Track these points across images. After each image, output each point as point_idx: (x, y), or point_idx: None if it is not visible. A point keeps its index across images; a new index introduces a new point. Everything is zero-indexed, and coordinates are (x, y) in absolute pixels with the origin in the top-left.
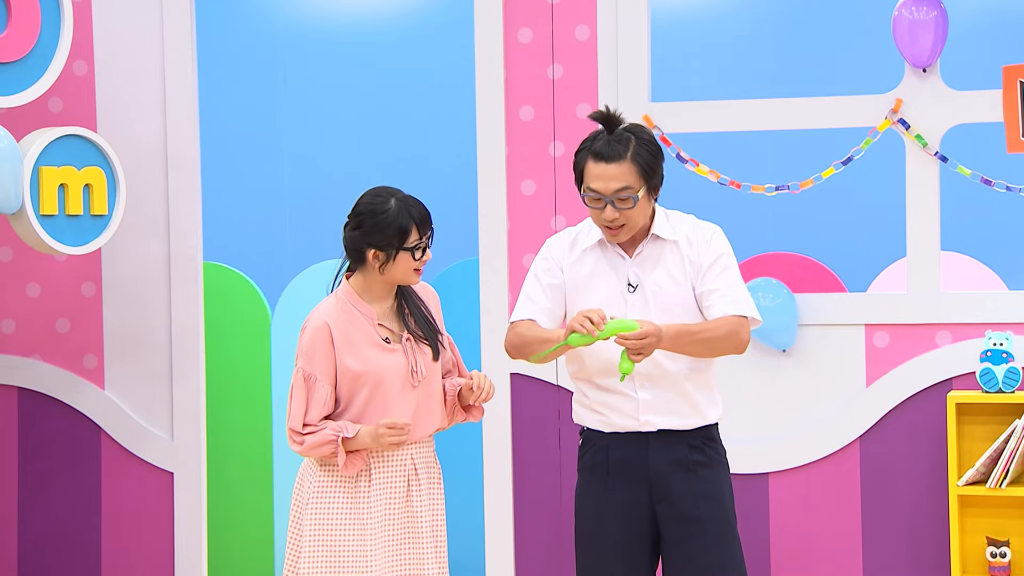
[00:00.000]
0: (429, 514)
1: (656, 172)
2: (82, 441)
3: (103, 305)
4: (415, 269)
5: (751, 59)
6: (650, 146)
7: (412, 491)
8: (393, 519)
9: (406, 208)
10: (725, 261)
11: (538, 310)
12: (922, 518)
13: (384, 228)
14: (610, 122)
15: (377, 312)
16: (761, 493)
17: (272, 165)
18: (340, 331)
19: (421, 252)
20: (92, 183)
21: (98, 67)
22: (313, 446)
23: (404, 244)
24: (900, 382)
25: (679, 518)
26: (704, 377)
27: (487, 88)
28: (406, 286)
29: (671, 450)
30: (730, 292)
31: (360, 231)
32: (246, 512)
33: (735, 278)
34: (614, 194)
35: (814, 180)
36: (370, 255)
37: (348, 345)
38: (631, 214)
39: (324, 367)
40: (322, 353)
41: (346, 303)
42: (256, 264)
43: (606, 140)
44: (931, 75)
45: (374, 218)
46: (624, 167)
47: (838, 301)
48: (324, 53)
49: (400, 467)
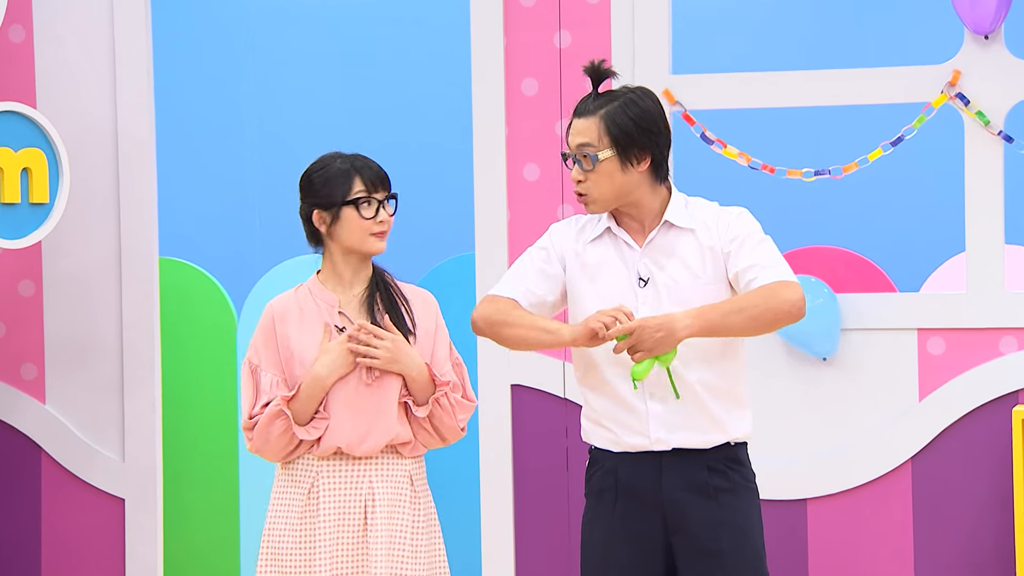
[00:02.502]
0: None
1: (631, 137)
2: (19, 463)
3: (44, 307)
4: (372, 233)
5: (786, 25)
6: (632, 108)
7: (368, 518)
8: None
9: (348, 161)
10: (757, 236)
11: (522, 292)
12: (983, 551)
13: (323, 183)
14: (596, 75)
15: (341, 300)
16: (798, 523)
17: (238, 147)
18: (286, 317)
19: (371, 208)
20: (31, 167)
21: (37, 33)
22: (263, 430)
23: (346, 198)
24: (958, 395)
25: (697, 551)
26: (729, 388)
27: (484, 58)
28: (385, 281)
29: (688, 473)
30: (769, 264)
31: (303, 196)
32: (208, 543)
33: (772, 251)
34: (577, 151)
35: (859, 164)
36: (316, 219)
37: (296, 332)
38: (593, 179)
39: (268, 355)
40: (263, 340)
41: (305, 291)
42: (220, 260)
43: (589, 95)
44: (994, 42)
45: (312, 176)
46: (590, 122)
47: (887, 302)
48: (296, 20)
49: (353, 486)
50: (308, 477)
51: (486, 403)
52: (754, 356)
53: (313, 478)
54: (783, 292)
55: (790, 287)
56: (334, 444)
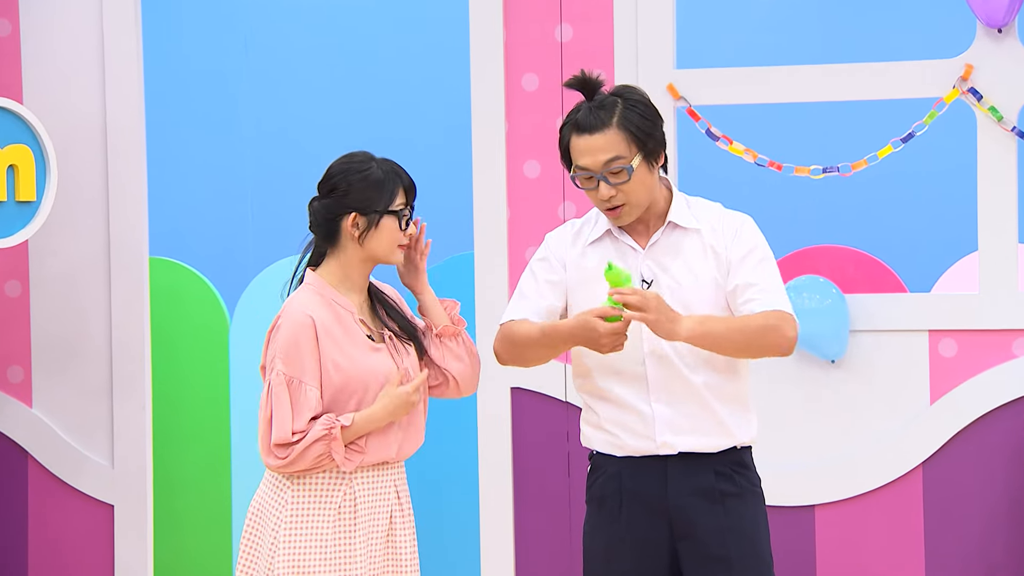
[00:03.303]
0: (410, 551)
1: (652, 136)
2: (5, 468)
3: (31, 307)
4: (400, 245)
5: (794, 18)
6: (640, 107)
7: (396, 525)
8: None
9: (392, 168)
10: (761, 253)
11: (534, 309)
12: (996, 557)
13: (366, 188)
14: (587, 87)
15: (355, 305)
16: (806, 529)
17: (230, 144)
18: (324, 327)
19: (406, 223)
20: (17, 164)
21: (24, 27)
22: (305, 450)
23: (389, 207)
24: (970, 398)
25: (704, 558)
26: (734, 391)
27: (484, 52)
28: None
29: (694, 478)
30: (771, 288)
31: (335, 194)
32: (200, 551)
33: (774, 273)
34: (604, 168)
35: (868, 161)
36: (348, 223)
37: (333, 344)
38: (629, 189)
39: (311, 368)
40: (307, 351)
41: (323, 295)
42: (212, 260)
43: (588, 108)
44: (1008, 36)
45: (352, 177)
46: (611, 135)
47: (897, 303)
48: (291, 14)
49: (384, 494)
50: (338, 489)
51: (486, 406)
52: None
53: (345, 490)
54: (784, 327)
55: (790, 322)
56: (382, 457)
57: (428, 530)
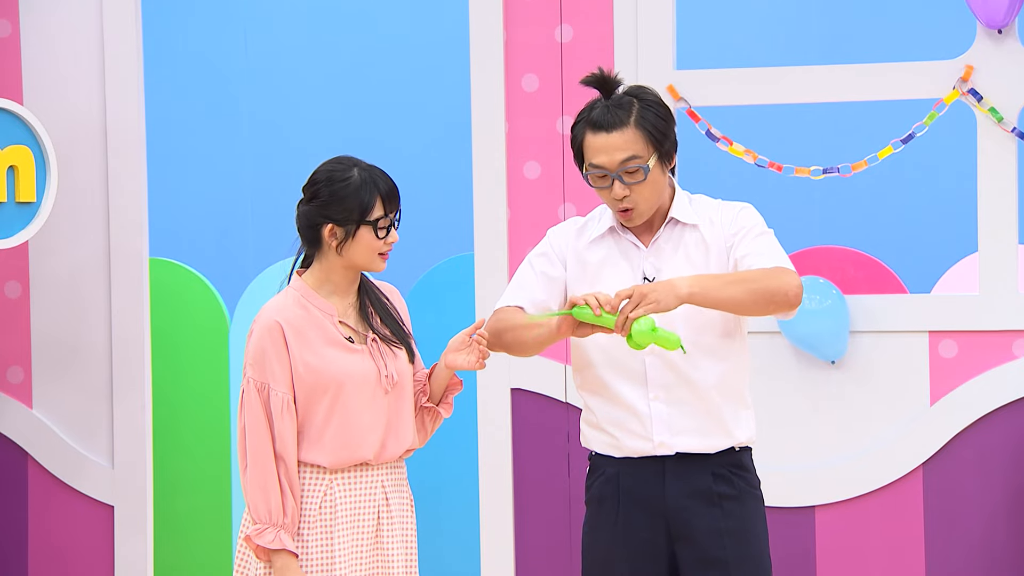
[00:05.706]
0: (402, 552)
1: (668, 136)
2: (5, 469)
3: (31, 308)
4: (380, 253)
5: (794, 19)
6: (657, 107)
7: (383, 524)
8: (361, 560)
9: (370, 177)
10: (759, 229)
11: (528, 299)
12: (997, 559)
13: (343, 198)
14: (606, 85)
15: (337, 308)
16: (805, 531)
17: (230, 145)
18: (294, 329)
19: (385, 231)
20: (17, 165)
21: (24, 27)
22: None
23: (366, 217)
24: (971, 399)
25: (701, 560)
26: (736, 388)
27: (484, 53)
28: (367, 284)
29: (692, 479)
30: (770, 252)
31: (316, 202)
32: (200, 552)
33: (773, 243)
34: (620, 167)
35: (868, 162)
36: (326, 231)
37: (304, 345)
38: (643, 189)
39: (279, 372)
40: (274, 356)
41: (300, 298)
42: (212, 260)
43: (604, 107)
44: (1008, 37)
45: (332, 186)
46: (628, 134)
47: (897, 304)
48: (290, 15)
49: (368, 495)
50: (318, 489)
51: (486, 407)
52: (760, 359)
53: (325, 490)
54: (783, 275)
55: (790, 273)
56: (362, 457)
57: (428, 531)
